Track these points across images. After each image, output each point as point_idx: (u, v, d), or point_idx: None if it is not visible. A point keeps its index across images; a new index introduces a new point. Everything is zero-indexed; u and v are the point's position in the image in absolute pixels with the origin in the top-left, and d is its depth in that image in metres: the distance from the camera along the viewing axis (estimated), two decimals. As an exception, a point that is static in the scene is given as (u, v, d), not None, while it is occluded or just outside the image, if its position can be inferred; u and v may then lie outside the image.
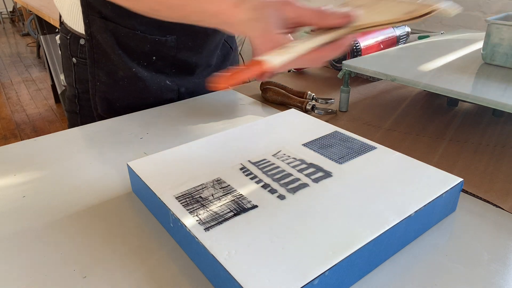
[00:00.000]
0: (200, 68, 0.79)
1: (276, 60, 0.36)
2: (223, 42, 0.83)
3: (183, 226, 0.36)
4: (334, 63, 0.87)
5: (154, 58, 0.71)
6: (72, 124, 0.80)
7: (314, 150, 0.47)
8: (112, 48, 0.68)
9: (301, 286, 0.29)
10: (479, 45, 0.76)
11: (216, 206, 0.38)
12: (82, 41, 0.72)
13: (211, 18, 0.46)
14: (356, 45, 0.81)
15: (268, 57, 0.36)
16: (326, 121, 0.61)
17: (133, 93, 0.72)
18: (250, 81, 0.76)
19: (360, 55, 0.81)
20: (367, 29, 0.40)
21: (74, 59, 0.74)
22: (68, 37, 0.75)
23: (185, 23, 0.62)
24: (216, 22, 0.46)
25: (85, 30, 0.69)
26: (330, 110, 0.68)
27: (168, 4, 0.48)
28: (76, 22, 0.72)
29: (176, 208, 0.37)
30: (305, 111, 0.69)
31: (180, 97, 0.77)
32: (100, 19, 0.66)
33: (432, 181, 0.41)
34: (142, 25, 0.68)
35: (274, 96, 0.73)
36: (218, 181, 0.42)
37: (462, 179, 0.41)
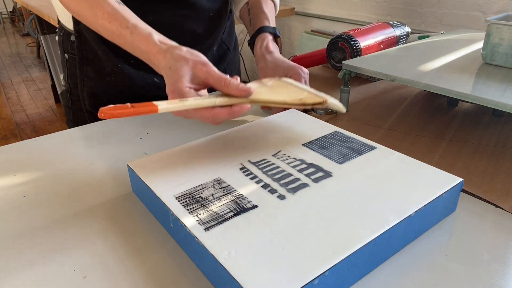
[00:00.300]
0: None
1: (164, 106, 0.41)
2: (220, 42, 0.82)
3: (183, 226, 0.36)
4: (334, 63, 0.87)
5: None
6: (67, 119, 0.82)
7: (314, 150, 0.47)
8: (98, 45, 0.70)
9: (301, 286, 0.29)
10: (479, 45, 0.75)
11: (216, 206, 0.38)
12: (72, 38, 0.73)
13: (141, 54, 0.52)
14: (356, 45, 0.81)
15: (159, 103, 0.41)
16: (326, 121, 0.61)
17: (119, 89, 0.73)
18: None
19: (360, 55, 0.81)
20: (261, 104, 0.47)
21: (66, 55, 0.76)
22: (62, 34, 0.77)
23: (170, 23, 0.63)
24: (144, 58, 0.53)
25: (74, 27, 0.70)
26: (330, 110, 0.68)
27: (109, 31, 0.54)
28: (67, 19, 0.74)
29: (176, 208, 0.37)
30: (305, 111, 0.69)
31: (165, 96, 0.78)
32: None
33: (432, 181, 0.41)
34: None
35: (274, 96, 0.73)
36: (218, 181, 0.42)
37: (462, 179, 0.41)
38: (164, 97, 0.76)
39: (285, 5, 2.94)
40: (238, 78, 0.46)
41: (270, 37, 0.72)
